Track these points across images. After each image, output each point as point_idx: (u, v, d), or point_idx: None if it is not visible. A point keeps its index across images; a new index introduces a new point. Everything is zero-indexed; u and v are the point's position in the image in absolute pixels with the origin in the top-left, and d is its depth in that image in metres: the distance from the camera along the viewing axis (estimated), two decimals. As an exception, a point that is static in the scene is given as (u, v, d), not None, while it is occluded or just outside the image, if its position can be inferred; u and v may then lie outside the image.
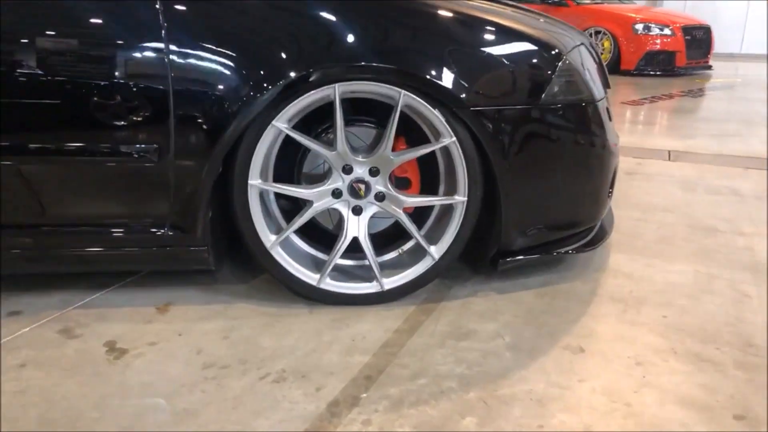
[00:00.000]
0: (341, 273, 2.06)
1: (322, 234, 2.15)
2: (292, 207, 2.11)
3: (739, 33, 14.67)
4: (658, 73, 9.32)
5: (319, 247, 2.11)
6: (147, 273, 2.22)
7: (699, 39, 9.55)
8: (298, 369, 1.68)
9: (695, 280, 2.24)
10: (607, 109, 2.20)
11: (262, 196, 1.96)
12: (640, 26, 9.21)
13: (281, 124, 1.82)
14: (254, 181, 1.87)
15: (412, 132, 2.06)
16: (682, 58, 9.30)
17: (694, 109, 6.40)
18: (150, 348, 1.77)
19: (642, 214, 2.95)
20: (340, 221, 2.01)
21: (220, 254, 2.07)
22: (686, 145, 4.55)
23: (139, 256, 1.95)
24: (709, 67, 9.99)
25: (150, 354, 1.74)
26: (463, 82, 1.84)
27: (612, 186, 2.31)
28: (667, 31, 9.22)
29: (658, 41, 9.22)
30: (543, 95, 1.94)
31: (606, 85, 2.32)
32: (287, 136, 1.94)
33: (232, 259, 2.32)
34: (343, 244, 1.97)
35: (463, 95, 1.84)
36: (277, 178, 2.02)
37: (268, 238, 1.93)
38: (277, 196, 2.06)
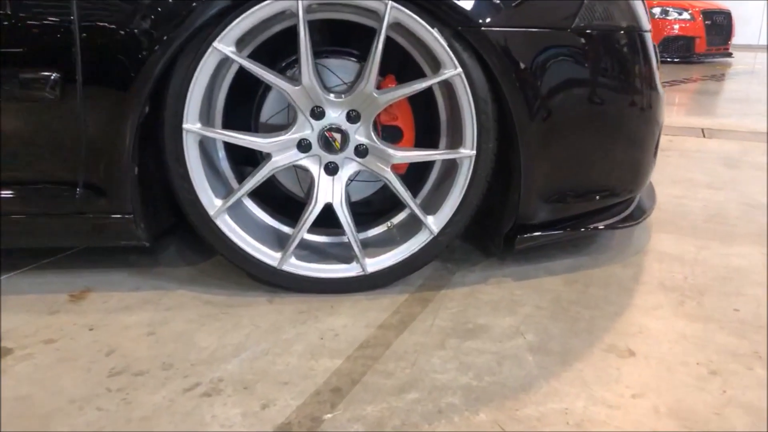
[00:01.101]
0: (313, 252, 1.59)
1: (290, 203, 1.68)
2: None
3: (756, 24, 14.18)
4: (675, 60, 8.80)
5: (286, 220, 1.64)
6: (71, 252, 1.76)
7: (719, 24, 9.03)
8: (240, 377, 1.21)
9: (765, 266, 1.76)
10: (655, 47, 1.73)
11: (206, 148, 1.49)
12: (657, 10, 8.70)
13: (225, 47, 1.35)
14: (191, 125, 1.40)
15: (406, 70, 1.59)
16: (702, 44, 8.78)
17: (719, 91, 5.91)
18: (45, 347, 1.30)
19: (684, 191, 2.46)
20: (311, 186, 1.53)
21: (157, 226, 1.60)
22: (720, 123, 4.06)
23: (44, 226, 1.48)
24: (729, 55, 9.46)
25: (42, 355, 1.27)
26: (471, -9, 1.37)
27: (656, 149, 1.83)
28: (686, 16, 8.71)
29: (677, 26, 8.71)
30: (577, 17, 1.47)
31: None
32: (240, 75, 1.48)
33: (181, 237, 1.86)
34: (312, 212, 1.50)
35: (472, 10, 1.37)
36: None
37: (212, 203, 1.46)
38: (233, 156, 1.60)
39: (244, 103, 1.62)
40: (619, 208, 1.80)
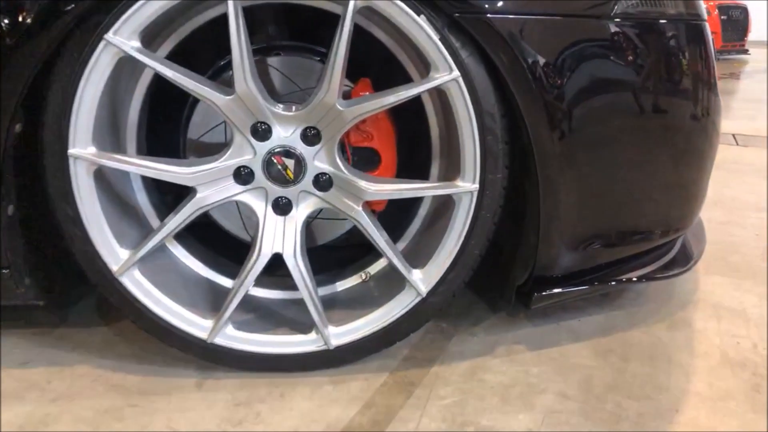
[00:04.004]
0: (261, 316, 1.20)
1: (237, 247, 1.28)
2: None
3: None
4: (689, 56, 8.36)
5: (228, 268, 1.24)
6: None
7: (736, 19, 8.58)
8: None
9: None
10: (713, 41, 1.32)
11: (110, 178, 1.09)
12: (670, 4, 8.25)
13: (123, 41, 0.95)
14: (80, 149, 1.00)
15: (392, 75, 1.18)
16: (718, 40, 8.32)
17: (741, 91, 5.50)
18: None
19: (729, 215, 2.06)
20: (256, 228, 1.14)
21: (61, 278, 1.21)
22: (751, 127, 3.65)
23: None
24: (746, 51, 9.01)
25: None
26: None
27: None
28: (700, 10, 8.26)
29: (691, 21, 8.26)
30: (618, 1, 1.07)
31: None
32: (158, 86, 1.08)
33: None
34: (255, 267, 1.10)
35: (474, -12, 0.98)
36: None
37: (116, 256, 1.06)
38: (159, 186, 1.21)
39: (171, 117, 1.22)
40: (659, 252, 1.41)
